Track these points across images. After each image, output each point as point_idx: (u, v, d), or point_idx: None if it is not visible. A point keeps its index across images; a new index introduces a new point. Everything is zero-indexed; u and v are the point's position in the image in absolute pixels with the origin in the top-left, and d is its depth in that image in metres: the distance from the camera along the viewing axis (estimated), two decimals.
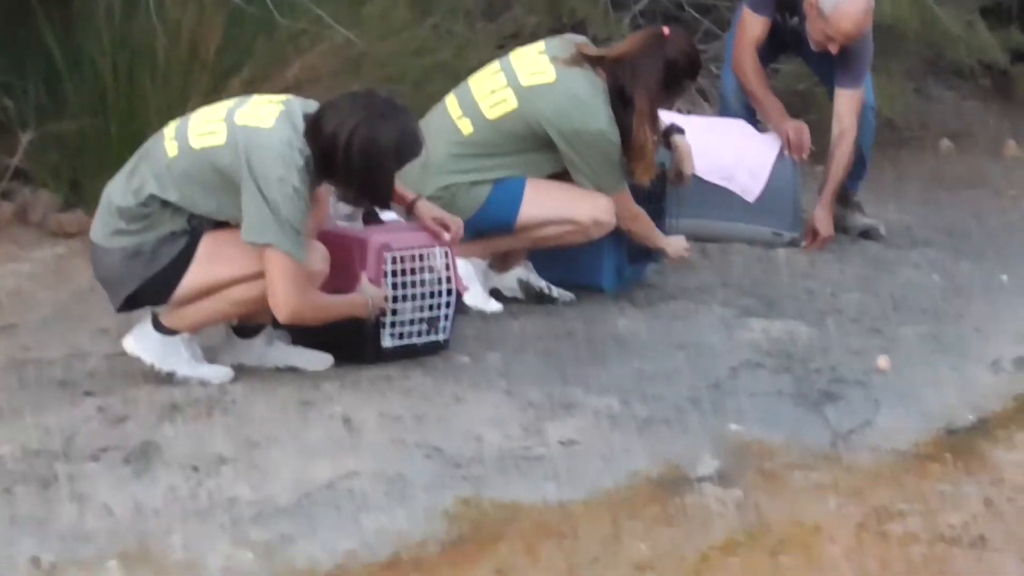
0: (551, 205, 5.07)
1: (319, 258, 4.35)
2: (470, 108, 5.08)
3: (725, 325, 5.19)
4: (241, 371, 4.41)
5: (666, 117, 6.36)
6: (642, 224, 5.25)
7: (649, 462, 4.07)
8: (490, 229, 5.06)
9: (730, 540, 3.73)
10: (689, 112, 7.12)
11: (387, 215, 4.88)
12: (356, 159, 4.17)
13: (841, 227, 6.55)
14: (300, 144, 4.18)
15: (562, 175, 5.11)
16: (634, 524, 3.77)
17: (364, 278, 4.47)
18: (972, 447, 4.31)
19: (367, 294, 4.43)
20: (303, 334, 4.55)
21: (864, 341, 5.11)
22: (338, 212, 4.67)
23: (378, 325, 4.53)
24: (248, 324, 4.49)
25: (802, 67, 7.97)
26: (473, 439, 4.11)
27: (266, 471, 3.85)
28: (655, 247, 5.38)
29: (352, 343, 4.55)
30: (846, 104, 6.26)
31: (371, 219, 4.78)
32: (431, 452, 4.02)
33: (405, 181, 4.59)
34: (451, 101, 5.14)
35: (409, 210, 4.65)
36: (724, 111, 6.52)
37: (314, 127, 4.20)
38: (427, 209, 4.64)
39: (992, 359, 4.99)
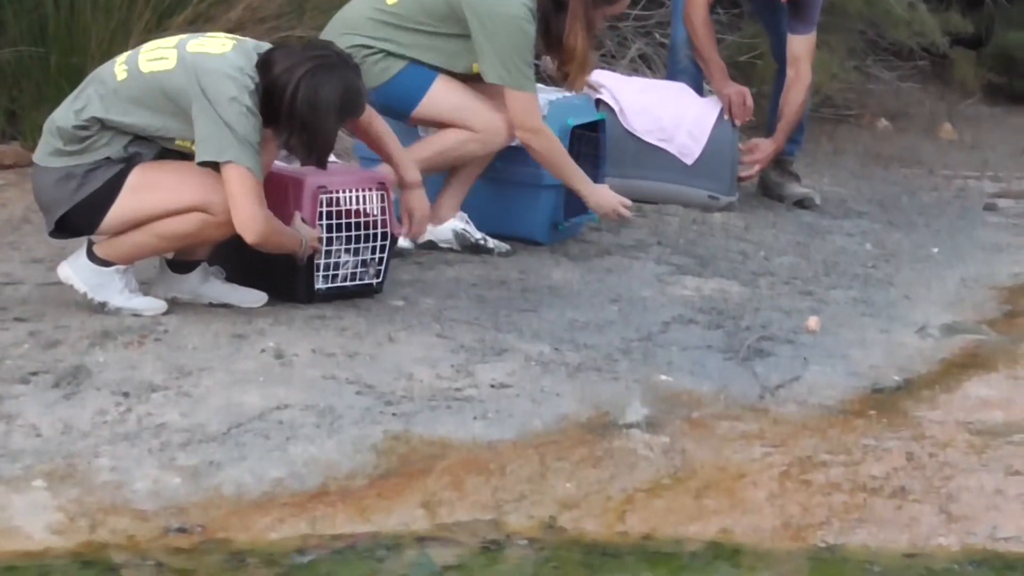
0: (452, 104, 5.02)
1: None
2: None
3: (659, 281, 5.23)
4: (175, 305, 4.40)
5: (609, 79, 6.43)
6: (544, 143, 5.07)
7: (578, 407, 4.11)
8: (388, 107, 4.95)
9: (655, 482, 3.77)
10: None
11: None
12: (299, 107, 4.17)
13: (777, 195, 6.63)
14: (251, 72, 4.18)
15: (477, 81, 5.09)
16: (561, 464, 3.80)
17: (298, 217, 4.46)
18: (896, 405, 4.37)
19: (301, 233, 4.43)
20: (238, 272, 4.54)
21: (795, 302, 5.17)
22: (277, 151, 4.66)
23: (311, 265, 4.53)
24: (184, 259, 4.48)
25: (744, 39, 8.04)
26: (404, 377, 4.12)
27: (196, 399, 3.85)
28: (571, 187, 5.24)
29: (285, 283, 4.54)
30: (800, 47, 6.31)
31: None
32: (362, 388, 4.03)
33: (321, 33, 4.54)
34: None
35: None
36: (673, 63, 6.54)
37: (264, 64, 4.21)
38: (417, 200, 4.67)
39: (920, 324, 5.05)
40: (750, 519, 3.62)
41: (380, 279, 4.68)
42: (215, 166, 4.15)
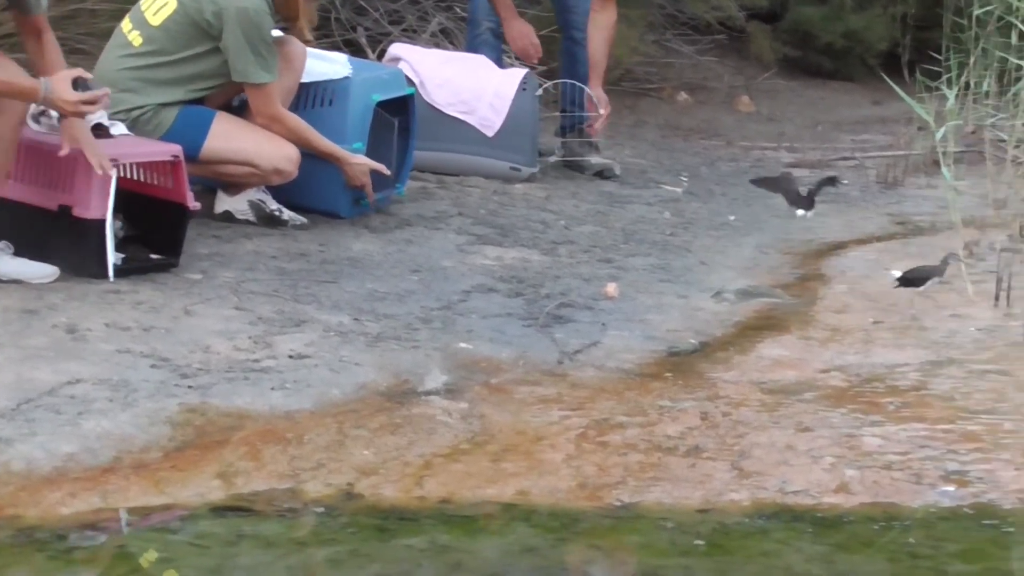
0: (236, 144, 5.06)
1: None
2: (139, 21, 5.11)
3: (460, 251, 5.25)
4: None
5: (410, 52, 6.42)
6: (284, 128, 5.11)
7: (377, 376, 4.10)
8: None
9: (454, 447, 3.78)
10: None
11: (117, 129, 4.80)
12: None
13: (577, 166, 6.69)
14: None
15: None
16: (359, 432, 3.79)
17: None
18: (692, 367, 4.45)
19: (48, 89, 4.23)
20: (27, 246, 4.44)
21: (594, 269, 5.23)
22: (41, 124, 4.56)
23: (104, 239, 4.44)
24: None
25: (544, 12, 8.09)
26: (201, 350, 4.08)
27: None
28: (326, 159, 5.24)
29: (77, 257, 4.46)
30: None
31: (101, 132, 4.69)
32: (157, 361, 3.97)
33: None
34: (125, 21, 5.17)
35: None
36: (473, 36, 6.57)
37: None
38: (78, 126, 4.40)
39: (716, 289, 5.14)
40: (547, 480, 3.65)
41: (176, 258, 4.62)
42: None
